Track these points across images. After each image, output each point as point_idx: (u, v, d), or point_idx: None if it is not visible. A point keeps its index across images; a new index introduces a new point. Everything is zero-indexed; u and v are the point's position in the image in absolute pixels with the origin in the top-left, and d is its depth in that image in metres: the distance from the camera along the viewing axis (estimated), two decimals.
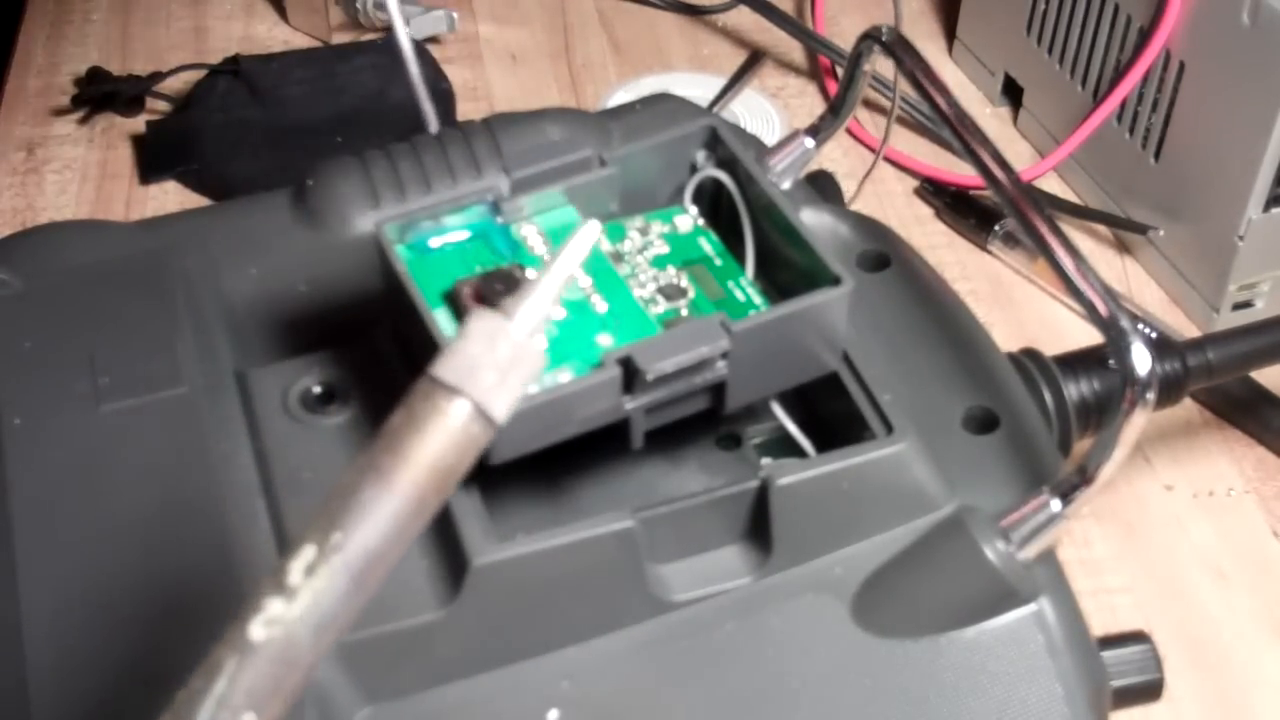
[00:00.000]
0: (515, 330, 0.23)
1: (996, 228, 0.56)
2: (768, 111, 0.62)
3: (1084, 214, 0.57)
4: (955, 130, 0.34)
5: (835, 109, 0.39)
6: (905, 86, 0.36)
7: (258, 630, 0.21)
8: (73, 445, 0.33)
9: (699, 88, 0.61)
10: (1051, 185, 0.59)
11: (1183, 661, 0.43)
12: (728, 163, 0.35)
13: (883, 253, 0.38)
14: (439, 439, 0.22)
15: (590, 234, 0.24)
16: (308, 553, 0.21)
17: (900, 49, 0.36)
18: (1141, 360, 0.29)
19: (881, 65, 0.38)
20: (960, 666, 0.31)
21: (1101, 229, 0.57)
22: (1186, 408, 0.50)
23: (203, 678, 0.21)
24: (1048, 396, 0.38)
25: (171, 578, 0.30)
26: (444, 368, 0.22)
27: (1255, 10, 0.47)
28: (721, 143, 0.35)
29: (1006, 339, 0.39)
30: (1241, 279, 0.51)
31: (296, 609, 0.21)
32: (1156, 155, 0.53)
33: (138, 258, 0.37)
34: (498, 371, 0.22)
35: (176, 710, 0.21)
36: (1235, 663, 0.43)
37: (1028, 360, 0.39)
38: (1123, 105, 0.54)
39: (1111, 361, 0.38)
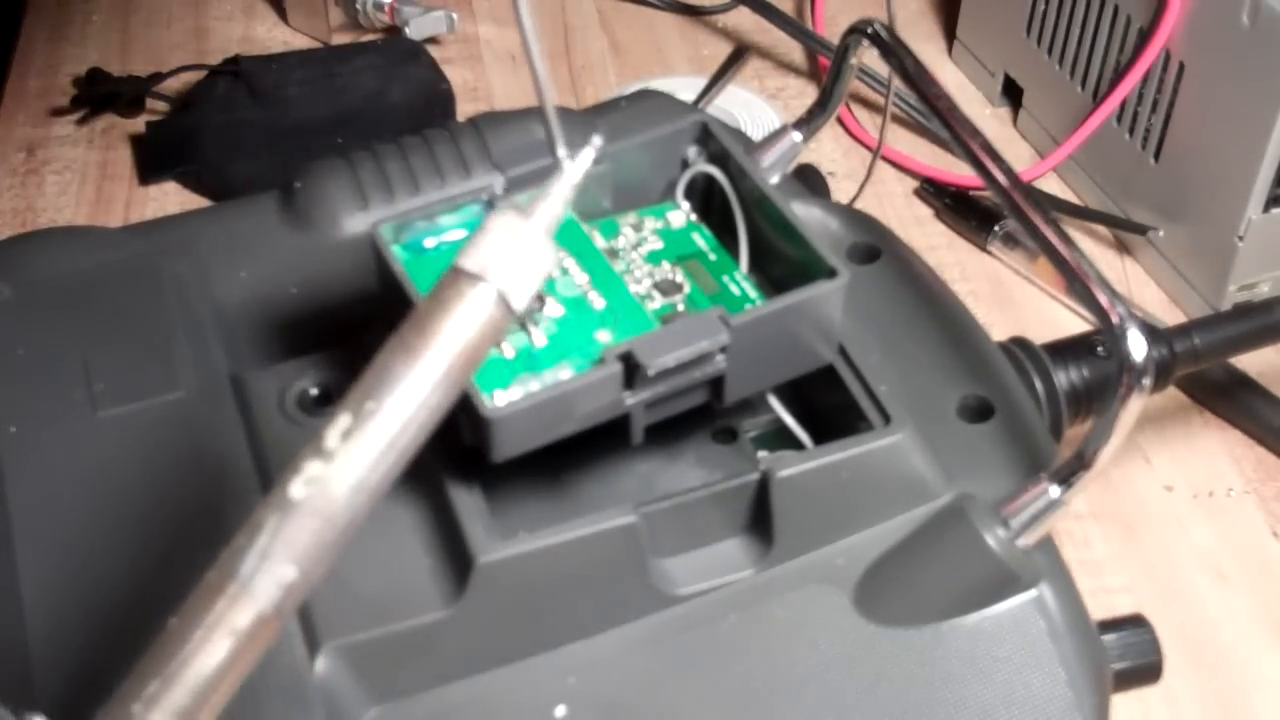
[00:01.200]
0: (532, 227, 0.25)
1: (996, 228, 0.56)
2: (767, 113, 0.62)
3: (1084, 214, 0.57)
4: (943, 119, 0.34)
5: (822, 103, 0.39)
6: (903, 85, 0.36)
7: (298, 489, 0.23)
8: (70, 452, 0.33)
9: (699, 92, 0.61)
10: (1051, 186, 0.59)
11: (1183, 661, 0.42)
12: (719, 158, 0.35)
13: (873, 245, 0.39)
14: (463, 319, 0.24)
15: (596, 144, 0.26)
16: (343, 420, 0.23)
17: (888, 42, 0.36)
18: (1137, 346, 0.29)
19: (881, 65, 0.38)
20: (963, 653, 0.31)
21: (1101, 229, 0.57)
22: (1186, 407, 0.50)
23: (246, 535, 0.23)
24: (1038, 384, 0.38)
25: (172, 582, 0.30)
26: (467, 258, 0.24)
27: (1255, 10, 0.47)
28: (713, 138, 0.35)
29: (1006, 339, 0.39)
30: (1241, 279, 0.51)
31: (334, 468, 0.23)
32: (1156, 155, 0.53)
33: (128, 263, 0.37)
34: (516, 261, 0.24)
35: (221, 564, 0.23)
36: (1235, 663, 0.43)
37: (1018, 349, 0.39)
38: (1123, 105, 0.54)
39: (1100, 349, 0.39)
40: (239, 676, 0.23)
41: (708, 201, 0.35)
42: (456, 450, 0.31)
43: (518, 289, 0.24)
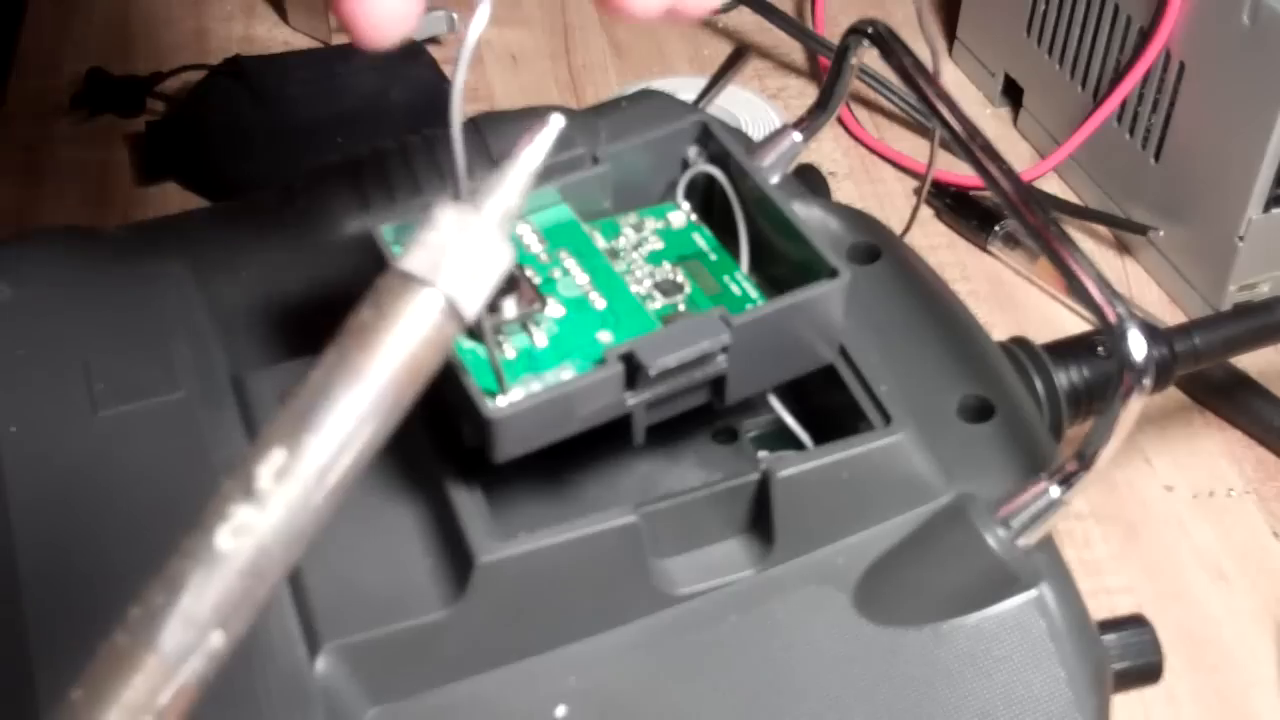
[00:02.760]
0: (484, 221, 0.22)
1: (997, 228, 0.56)
2: (767, 113, 0.62)
3: (1084, 214, 0.57)
4: (943, 119, 0.34)
5: (822, 103, 0.39)
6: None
7: (225, 540, 0.19)
8: (70, 451, 0.33)
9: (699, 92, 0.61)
10: (1051, 185, 0.59)
11: (1183, 661, 0.42)
12: (720, 158, 0.35)
13: (873, 245, 0.39)
14: (412, 335, 0.21)
15: (555, 125, 0.23)
16: (277, 456, 0.20)
17: (888, 43, 0.36)
18: (1138, 346, 0.30)
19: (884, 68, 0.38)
20: (964, 653, 0.31)
21: (1101, 229, 0.57)
22: (1186, 407, 0.50)
23: (163, 592, 0.19)
24: (1039, 384, 0.38)
25: None
26: (413, 260, 0.21)
27: (1255, 10, 0.47)
28: (713, 138, 0.35)
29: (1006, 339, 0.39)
30: (1241, 279, 0.51)
31: (269, 517, 0.20)
32: (1156, 155, 0.53)
33: (127, 263, 0.37)
34: (468, 263, 0.21)
35: (133, 627, 0.19)
36: (1235, 663, 0.43)
37: (1018, 349, 0.39)
38: (1123, 105, 0.54)
39: (1101, 349, 0.39)
40: None
41: (708, 202, 0.35)
42: (457, 450, 0.31)
43: (469, 295, 0.21)
